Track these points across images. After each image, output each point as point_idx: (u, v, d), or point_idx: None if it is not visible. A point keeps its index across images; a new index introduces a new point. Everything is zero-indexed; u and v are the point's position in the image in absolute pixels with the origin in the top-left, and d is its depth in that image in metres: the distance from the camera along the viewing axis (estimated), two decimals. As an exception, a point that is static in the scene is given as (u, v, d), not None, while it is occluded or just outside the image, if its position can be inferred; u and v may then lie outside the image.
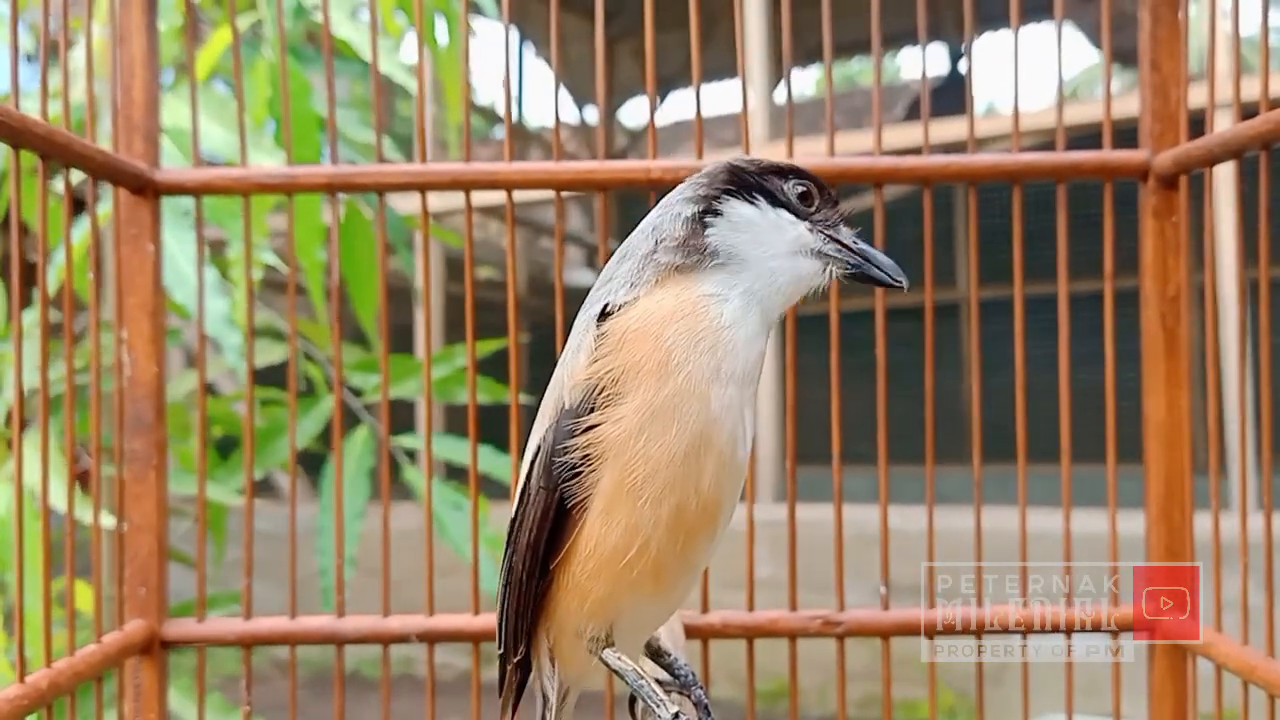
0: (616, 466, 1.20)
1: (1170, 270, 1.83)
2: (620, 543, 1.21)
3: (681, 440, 1.19)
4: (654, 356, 1.20)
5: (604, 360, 1.22)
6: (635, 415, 1.19)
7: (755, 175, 1.33)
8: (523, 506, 1.29)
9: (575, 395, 1.23)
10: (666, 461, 1.19)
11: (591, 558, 1.23)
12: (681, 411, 1.19)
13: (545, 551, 1.27)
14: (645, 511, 1.20)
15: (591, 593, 1.25)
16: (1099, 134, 1.88)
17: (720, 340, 1.22)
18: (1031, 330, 1.90)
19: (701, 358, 1.20)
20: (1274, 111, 1.53)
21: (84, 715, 2.19)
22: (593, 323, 1.25)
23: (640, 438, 1.19)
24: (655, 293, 1.25)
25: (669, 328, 1.21)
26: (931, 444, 1.89)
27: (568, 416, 1.23)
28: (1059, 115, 1.91)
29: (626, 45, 12.22)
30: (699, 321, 1.22)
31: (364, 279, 3.25)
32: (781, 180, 1.34)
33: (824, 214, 1.34)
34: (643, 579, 1.23)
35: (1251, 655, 1.62)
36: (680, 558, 1.24)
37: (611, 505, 1.21)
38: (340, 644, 1.88)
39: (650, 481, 1.19)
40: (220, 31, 2.96)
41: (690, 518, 1.21)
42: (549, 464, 1.25)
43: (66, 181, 1.66)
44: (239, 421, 3.39)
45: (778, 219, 1.31)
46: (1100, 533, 1.87)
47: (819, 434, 1.96)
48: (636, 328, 1.22)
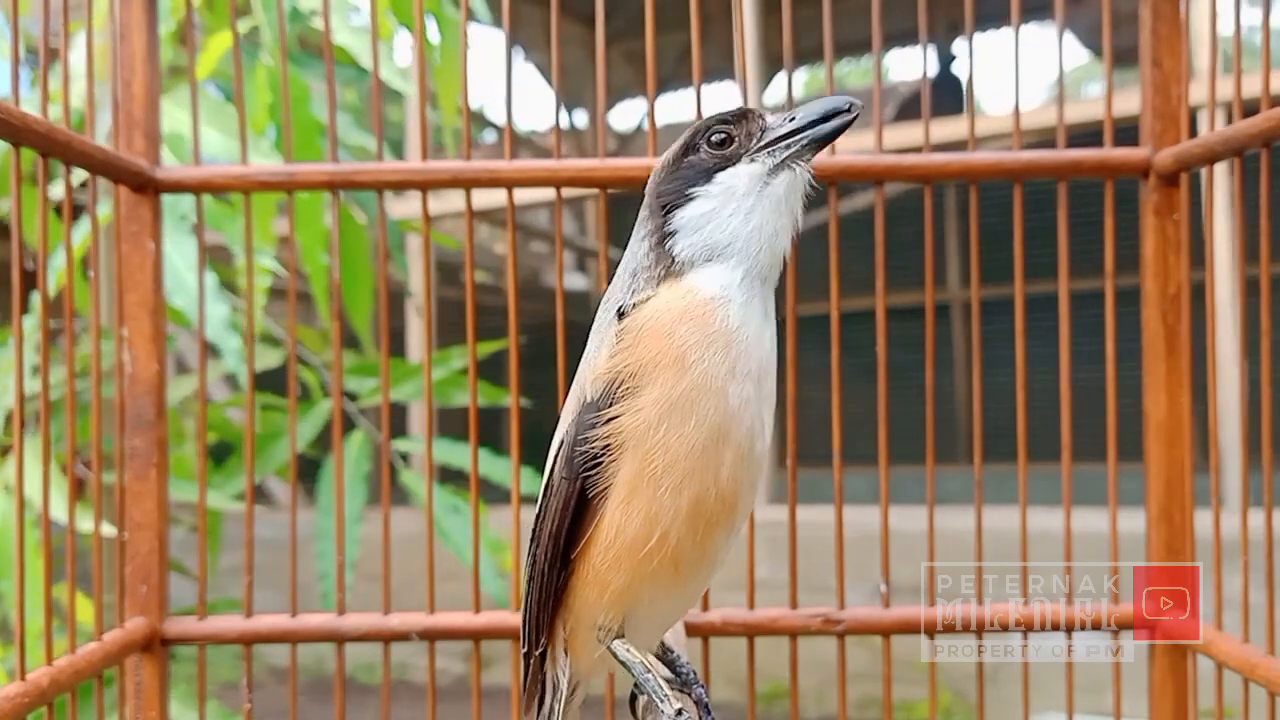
0: (636, 456, 1.21)
1: (1171, 268, 1.83)
2: (640, 532, 1.22)
3: (700, 432, 1.20)
4: (670, 353, 1.21)
5: (622, 354, 1.23)
6: (654, 407, 1.20)
7: (682, 164, 1.31)
8: (546, 499, 1.30)
9: (597, 388, 1.24)
10: (685, 452, 1.20)
11: (611, 547, 1.24)
12: (699, 405, 1.20)
13: (566, 541, 1.28)
14: (665, 501, 1.21)
15: (611, 583, 1.26)
16: (1089, 132, 1.88)
17: (733, 341, 1.23)
18: (1028, 329, 1.90)
19: (715, 357, 1.21)
20: (1275, 109, 1.53)
21: (84, 714, 2.18)
22: (613, 320, 1.27)
23: (660, 428, 1.20)
24: (663, 294, 1.26)
25: (680, 327, 1.22)
26: (932, 444, 1.89)
27: (589, 409, 1.25)
28: (1059, 114, 1.91)
29: (618, 48, 12.23)
30: (710, 325, 1.23)
31: (357, 283, 3.25)
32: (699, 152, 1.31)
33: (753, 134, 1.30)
34: (662, 569, 1.24)
35: (1252, 653, 1.61)
36: (699, 548, 1.24)
37: (631, 495, 1.22)
38: (341, 642, 1.87)
39: (670, 471, 1.20)
40: (216, 37, 2.96)
41: (709, 508, 1.22)
42: (571, 454, 1.26)
43: (67, 180, 1.66)
44: (233, 427, 3.39)
45: (724, 185, 1.28)
46: (1101, 531, 1.87)
47: (814, 434, 1.96)
48: (651, 325, 1.23)
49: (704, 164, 1.29)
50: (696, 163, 1.30)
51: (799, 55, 1.86)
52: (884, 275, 1.86)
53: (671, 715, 1.26)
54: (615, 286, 1.34)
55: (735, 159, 1.29)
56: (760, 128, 1.30)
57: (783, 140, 1.28)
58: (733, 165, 1.29)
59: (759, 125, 1.30)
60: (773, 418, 1.32)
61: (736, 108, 1.32)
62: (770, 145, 1.28)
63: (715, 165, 1.29)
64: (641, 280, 1.29)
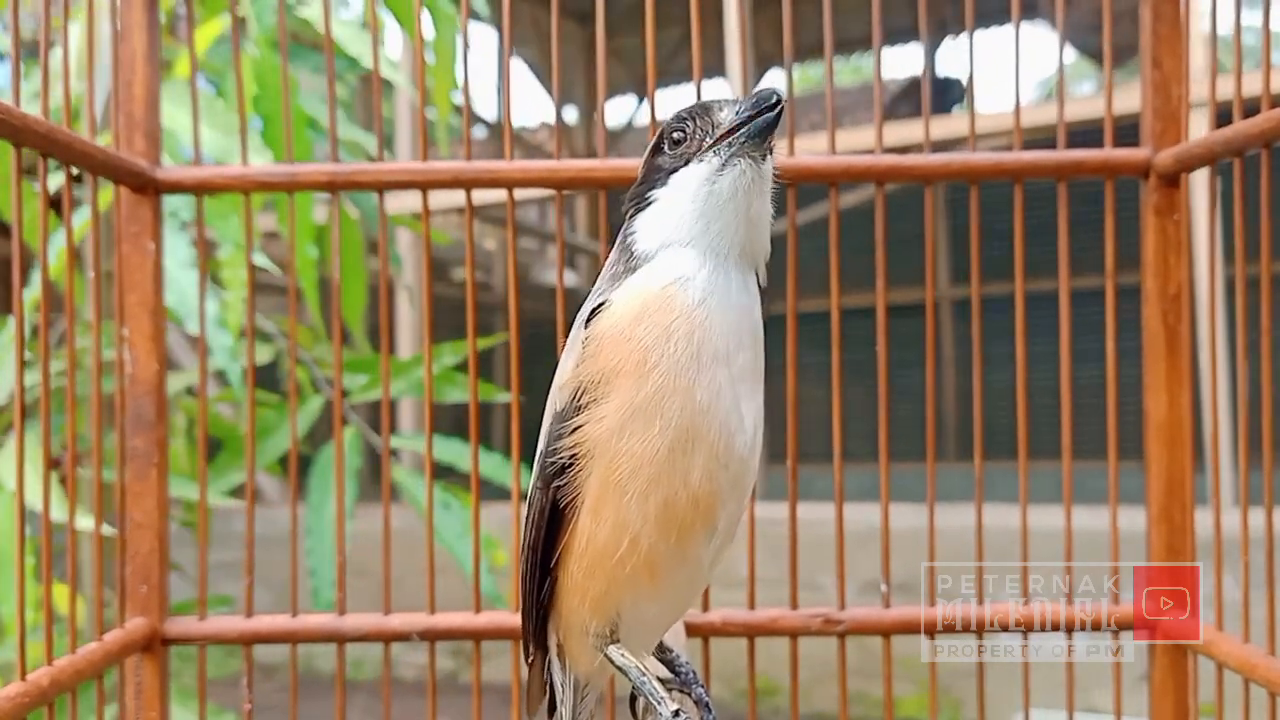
0: (602, 464, 1.21)
1: (1171, 268, 1.83)
2: (610, 539, 1.22)
3: (665, 436, 1.19)
4: (631, 358, 1.20)
5: (585, 364, 1.23)
6: (616, 414, 1.20)
7: (645, 174, 1.33)
8: (527, 509, 1.32)
9: (563, 397, 1.25)
10: (650, 458, 1.19)
11: (585, 555, 1.25)
12: (664, 408, 1.19)
13: (544, 550, 1.29)
14: (632, 507, 1.20)
15: (590, 590, 1.26)
16: (1078, 131, 1.88)
17: (694, 324, 1.21)
18: (1028, 328, 1.90)
19: (677, 350, 1.19)
20: (1275, 110, 1.53)
21: (85, 713, 2.17)
22: (580, 328, 1.27)
23: (623, 435, 1.19)
24: (622, 292, 1.25)
25: (638, 327, 1.21)
26: (932, 442, 1.89)
27: (557, 419, 1.25)
28: (1060, 113, 1.92)
29: (608, 45, 12.22)
30: (668, 314, 1.21)
31: (350, 279, 3.24)
32: (662, 153, 1.32)
33: (705, 130, 1.29)
34: (637, 575, 1.24)
35: (1252, 653, 1.61)
36: (675, 553, 1.24)
37: (599, 503, 1.22)
38: (341, 642, 1.87)
39: (634, 477, 1.20)
40: (203, 28, 2.94)
41: (680, 512, 1.21)
42: (543, 465, 1.27)
43: (67, 178, 1.65)
44: (224, 423, 3.38)
45: (676, 185, 1.29)
46: (1101, 529, 1.87)
47: (809, 432, 1.96)
48: (611, 332, 1.22)
49: (665, 165, 1.30)
50: (660, 164, 1.31)
51: (791, 53, 1.86)
52: (884, 274, 1.86)
53: (669, 717, 1.26)
54: (594, 291, 1.34)
55: (688, 159, 1.29)
56: (713, 124, 1.29)
57: (726, 137, 1.27)
58: (685, 166, 1.29)
59: (712, 122, 1.29)
60: (760, 401, 1.29)
61: (694, 104, 1.33)
62: (717, 143, 1.27)
63: (672, 166, 1.30)
64: (606, 282, 1.30)
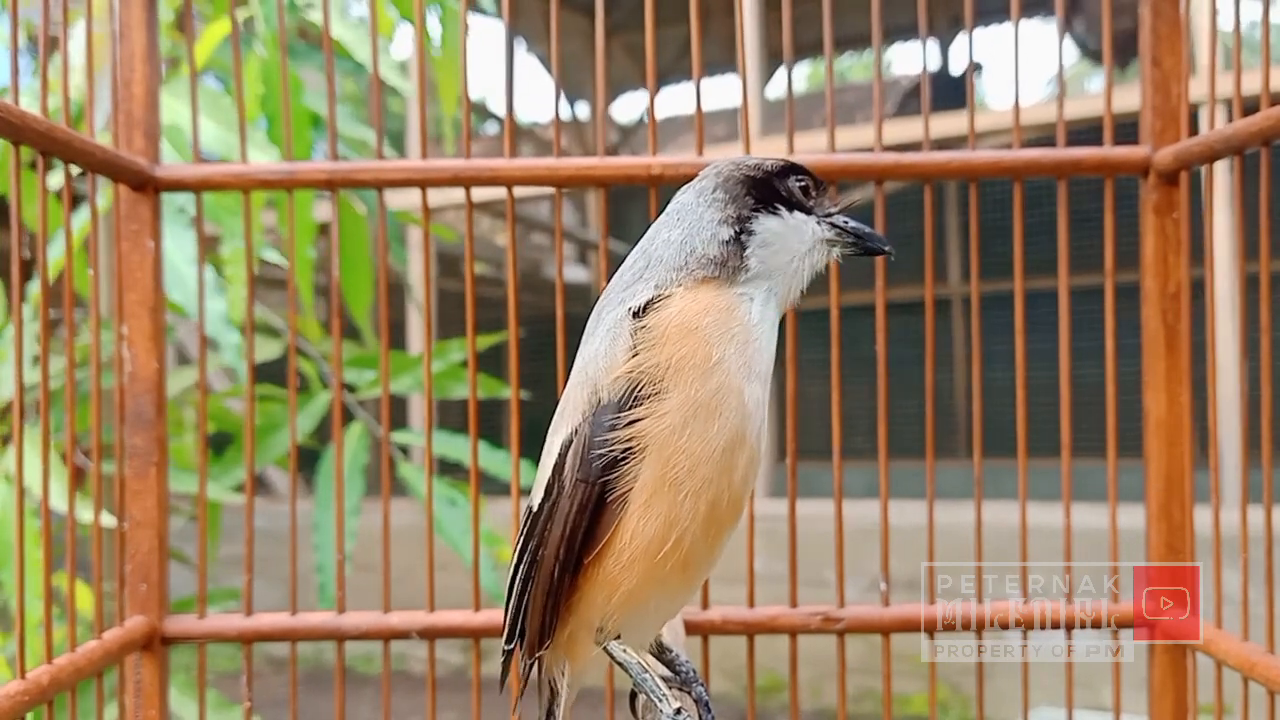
0: (659, 460, 1.21)
1: (1171, 267, 1.83)
2: (657, 535, 1.22)
3: (722, 436, 1.21)
4: (698, 352, 1.22)
5: (645, 355, 1.23)
6: (679, 410, 1.21)
7: (771, 181, 1.36)
8: (552, 500, 1.29)
9: (615, 389, 1.24)
10: (707, 456, 1.21)
11: (627, 549, 1.24)
12: (723, 407, 1.21)
13: (581, 545, 1.27)
14: (684, 505, 1.21)
15: (621, 585, 1.26)
16: (1079, 129, 1.87)
17: (750, 338, 1.26)
18: (1028, 325, 1.90)
19: (734, 353, 1.24)
20: (1275, 108, 1.53)
21: (84, 712, 2.18)
22: (627, 318, 1.26)
23: (684, 432, 1.20)
24: (690, 293, 1.27)
25: (705, 319, 1.24)
26: (931, 440, 1.89)
27: (606, 411, 1.24)
28: (1060, 111, 1.91)
29: (619, 40, 12.25)
30: (732, 318, 1.25)
31: (357, 274, 3.25)
32: (786, 179, 1.37)
33: (821, 202, 1.39)
34: (673, 571, 1.24)
35: (1251, 651, 1.61)
36: (709, 551, 1.26)
37: (652, 499, 1.22)
38: (341, 640, 1.87)
39: (691, 475, 1.21)
40: (212, 27, 2.95)
41: (722, 511, 1.24)
42: (588, 457, 1.25)
43: (67, 177, 1.65)
44: (232, 418, 3.39)
45: (796, 223, 1.35)
46: (1101, 527, 1.87)
47: (812, 429, 1.96)
48: (678, 323, 1.24)
49: (790, 194, 1.36)
50: (783, 187, 1.36)
51: (800, 49, 1.86)
52: (884, 272, 1.86)
53: (670, 715, 1.26)
54: (634, 278, 1.33)
55: (807, 210, 1.37)
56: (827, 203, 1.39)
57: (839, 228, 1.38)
58: (808, 214, 1.37)
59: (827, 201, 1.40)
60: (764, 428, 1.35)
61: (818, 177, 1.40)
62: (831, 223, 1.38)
63: (797, 203, 1.36)
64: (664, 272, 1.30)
